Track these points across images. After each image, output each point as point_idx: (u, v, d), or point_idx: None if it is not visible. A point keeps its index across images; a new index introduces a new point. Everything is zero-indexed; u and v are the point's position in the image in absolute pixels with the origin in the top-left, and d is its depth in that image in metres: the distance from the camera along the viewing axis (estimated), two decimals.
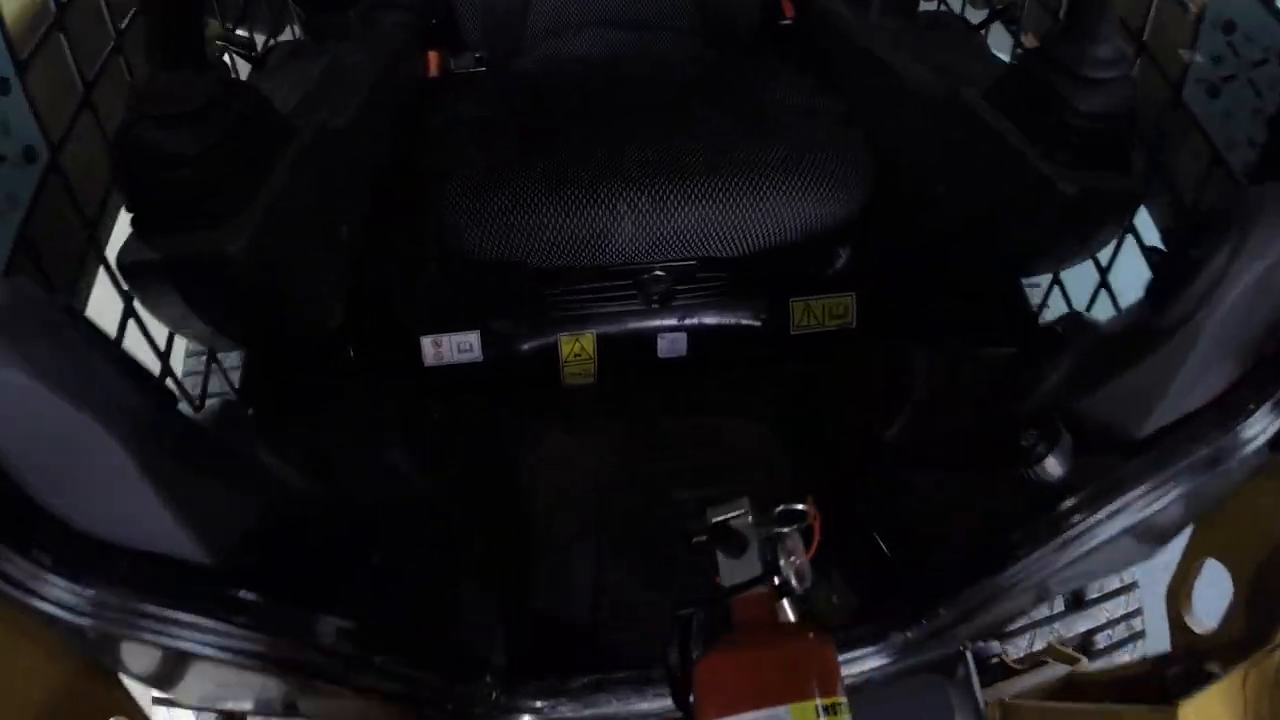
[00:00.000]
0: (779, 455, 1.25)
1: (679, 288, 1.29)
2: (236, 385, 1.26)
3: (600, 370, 1.34)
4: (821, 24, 1.49)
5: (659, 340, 1.33)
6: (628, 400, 1.32)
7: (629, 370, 1.34)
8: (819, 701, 0.61)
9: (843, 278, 1.36)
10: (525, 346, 1.32)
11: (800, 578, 0.69)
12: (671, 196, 1.23)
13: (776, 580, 0.68)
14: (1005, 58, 1.40)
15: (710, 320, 1.33)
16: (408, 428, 1.19)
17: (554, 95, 1.44)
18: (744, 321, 1.35)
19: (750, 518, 0.72)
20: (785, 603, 0.69)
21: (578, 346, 1.33)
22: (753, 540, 0.71)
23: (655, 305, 1.29)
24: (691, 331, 1.33)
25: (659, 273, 1.27)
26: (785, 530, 0.70)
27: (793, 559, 0.69)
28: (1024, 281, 1.38)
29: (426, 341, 1.31)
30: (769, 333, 1.36)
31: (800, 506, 0.71)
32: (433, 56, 1.46)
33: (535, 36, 1.56)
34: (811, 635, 0.68)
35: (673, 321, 1.32)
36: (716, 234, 1.25)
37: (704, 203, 1.23)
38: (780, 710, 0.61)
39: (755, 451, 1.27)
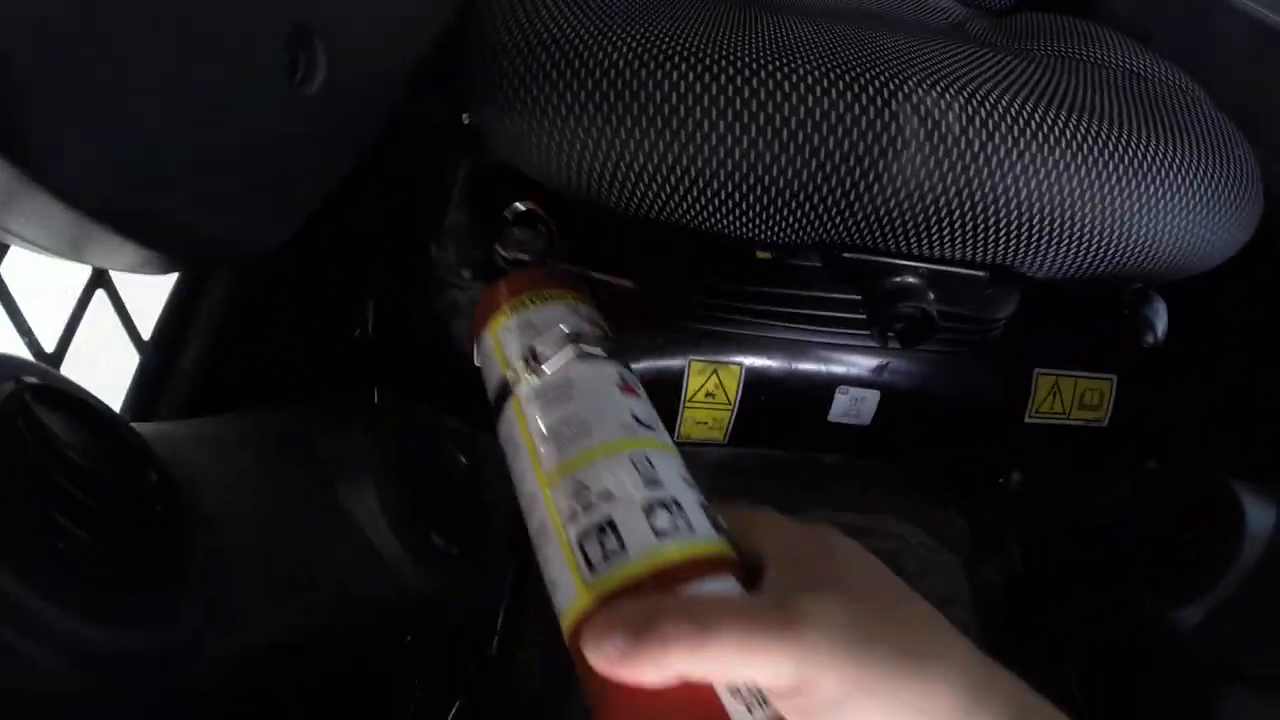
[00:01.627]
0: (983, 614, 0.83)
1: (906, 308, 0.66)
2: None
3: (737, 426, 0.90)
4: None
5: (837, 396, 0.88)
6: (767, 481, 0.88)
7: (778, 433, 0.90)
8: None
9: (1105, 351, 0.92)
10: (640, 367, 0.87)
11: None
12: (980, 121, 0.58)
13: None
14: None
15: (919, 377, 0.89)
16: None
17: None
18: (965, 390, 0.90)
19: None
20: None
21: (713, 382, 0.88)
22: None
23: (891, 337, 0.67)
24: (889, 391, 0.89)
25: (908, 278, 0.63)
26: None
27: None
28: None
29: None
30: (993, 412, 0.92)
31: None
32: None
33: None
34: None
35: (868, 369, 0.88)
36: (1026, 219, 0.58)
37: (1030, 154, 0.57)
38: None
39: (949, 596, 0.85)
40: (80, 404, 0.39)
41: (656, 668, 0.30)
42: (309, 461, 0.60)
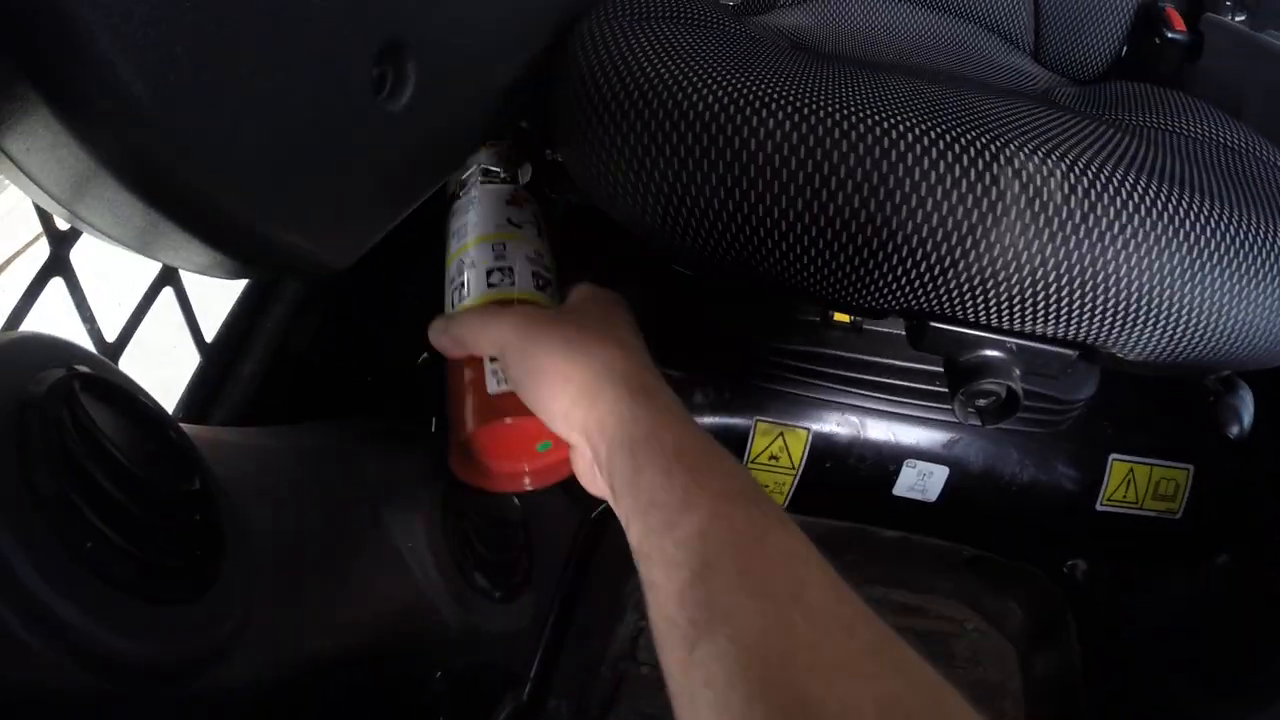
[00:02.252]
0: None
1: (990, 384, 0.62)
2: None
3: (798, 491, 0.86)
4: (1233, 40, 0.98)
5: (904, 469, 0.84)
6: (822, 551, 0.84)
7: (839, 503, 0.86)
8: None
9: (1182, 439, 0.87)
10: (700, 419, 0.85)
11: None
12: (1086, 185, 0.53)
13: None
14: None
15: (991, 456, 0.84)
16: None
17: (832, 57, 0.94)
18: (1037, 472, 0.85)
19: None
20: None
21: (778, 445, 0.85)
22: None
23: (972, 412, 0.63)
24: (958, 468, 0.84)
25: (995, 352, 0.59)
26: None
27: None
28: None
29: None
30: (1063, 497, 0.87)
31: None
32: None
33: None
34: None
35: (938, 443, 0.84)
36: (1124, 296, 0.53)
37: (1132, 227, 0.52)
38: None
39: (1000, 685, 0.79)
40: (130, 399, 0.38)
41: (449, 343, 0.54)
42: (358, 483, 0.58)
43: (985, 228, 0.50)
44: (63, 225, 0.52)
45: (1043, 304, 0.52)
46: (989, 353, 0.57)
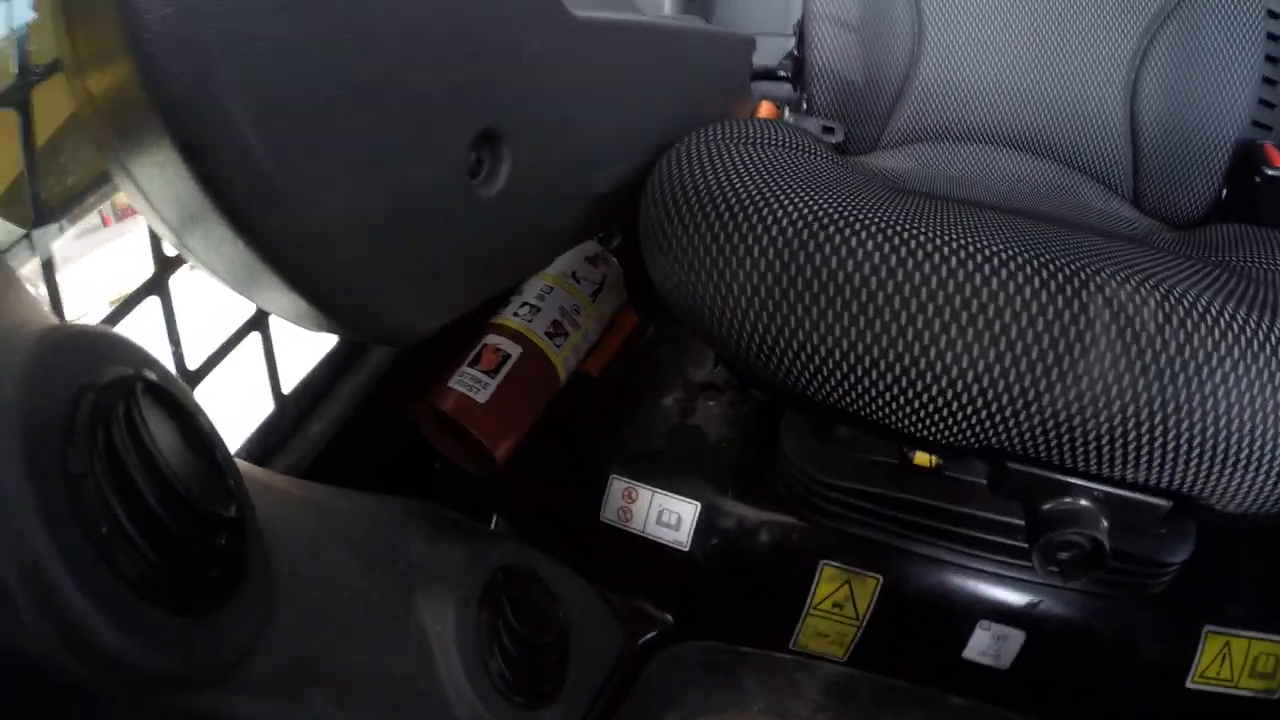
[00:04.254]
0: None
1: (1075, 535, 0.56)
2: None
3: (860, 644, 0.80)
4: None
5: (978, 630, 0.78)
6: (882, 713, 0.77)
7: (904, 661, 0.80)
8: None
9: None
10: (763, 558, 0.81)
11: None
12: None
13: None
14: None
15: (1074, 623, 0.78)
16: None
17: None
18: (1123, 643, 0.78)
19: None
20: None
21: (844, 592, 0.80)
22: None
23: (1053, 570, 0.57)
24: (1036, 633, 0.78)
25: (1081, 500, 0.54)
26: None
27: None
28: None
29: (616, 486, 0.82)
30: (1151, 672, 0.78)
31: None
32: (765, 105, 1.02)
33: (899, 135, 1.10)
34: None
35: (1017, 604, 0.77)
36: (1224, 435, 0.50)
37: (1232, 359, 0.49)
38: None
39: None
40: (189, 416, 0.39)
41: None
42: (398, 555, 0.57)
43: (1072, 358, 0.47)
44: (169, 251, 0.55)
45: (1133, 444, 0.48)
46: (1073, 500, 0.54)
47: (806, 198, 0.56)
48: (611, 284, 0.88)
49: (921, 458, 0.76)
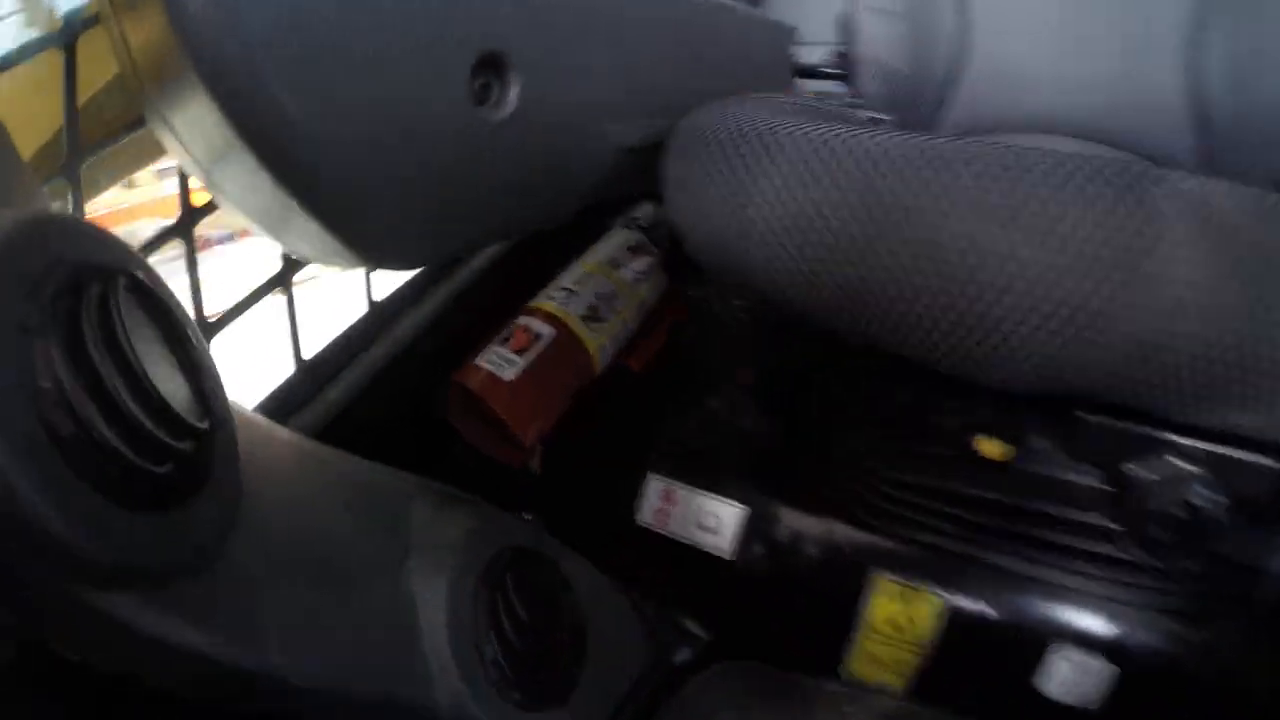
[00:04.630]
0: None
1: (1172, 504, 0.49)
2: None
3: (924, 675, 0.71)
4: None
5: (1058, 661, 0.68)
6: None
7: (972, 697, 0.70)
8: None
9: None
10: (812, 568, 0.73)
11: None
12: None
13: None
14: None
15: (1175, 649, 0.66)
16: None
17: None
18: (1238, 680, 0.66)
19: None
20: None
21: (901, 611, 0.71)
22: None
23: (1146, 552, 0.52)
24: (1130, 666, 0.67)
25: (1177, 460, 0.47)
26: None
27: None
28: None
29: (654, 485, 0.76)
30: (1258, 708, 0.66)
31: None
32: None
33: (952, 130, 1.06)
34: None
35: (1107, 630, 0.67)
36: None
37: None
38: None
39: None
40: (177, 329, 0.36)
41: None
42: (395, 521, 0.52)
43: (1144, 255, 0.39)
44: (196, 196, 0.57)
45: (1235, 376, 0.40)
46: (1167, 460, 0.45)
47: (839, 126, 0.51)
48: (653, 273, 0.84)
49: (990, 448, 0.67)
